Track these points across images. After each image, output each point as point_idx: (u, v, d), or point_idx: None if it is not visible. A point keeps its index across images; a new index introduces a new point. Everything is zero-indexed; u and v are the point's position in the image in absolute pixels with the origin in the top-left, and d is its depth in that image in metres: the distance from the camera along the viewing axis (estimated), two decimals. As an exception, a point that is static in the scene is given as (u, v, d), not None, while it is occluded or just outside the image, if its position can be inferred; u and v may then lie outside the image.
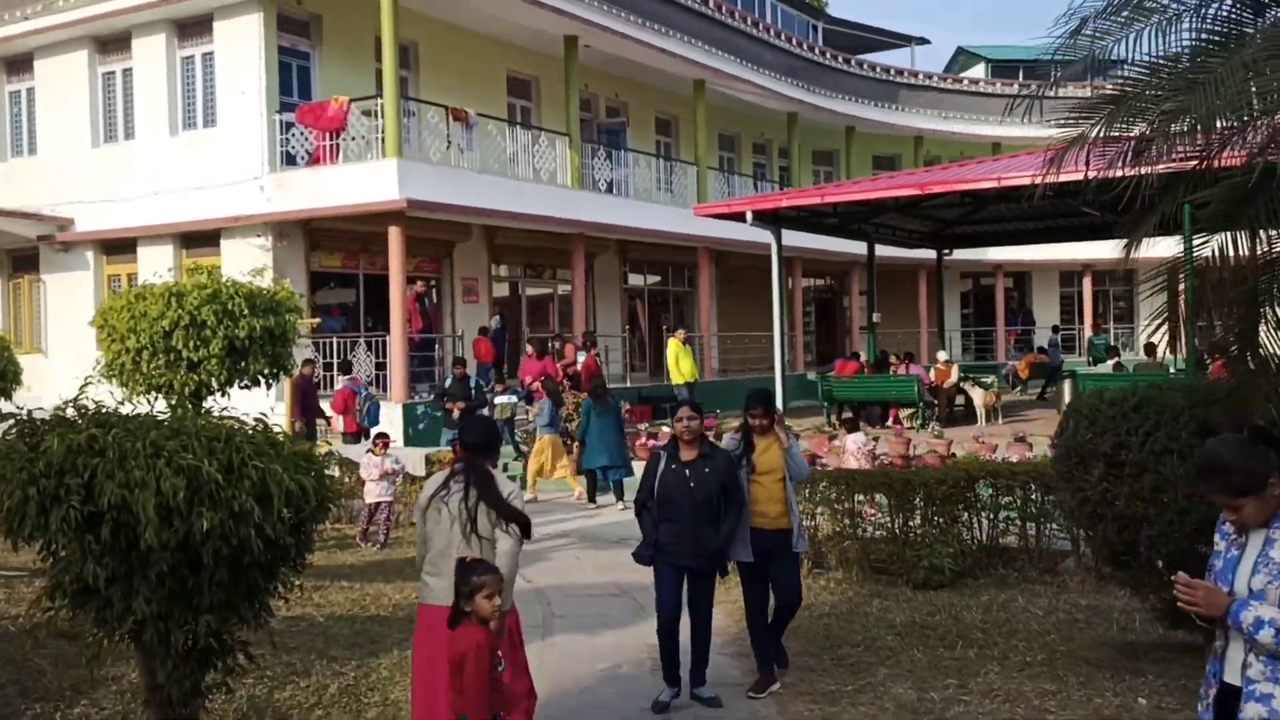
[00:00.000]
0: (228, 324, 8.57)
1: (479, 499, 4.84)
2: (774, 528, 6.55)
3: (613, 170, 22.49)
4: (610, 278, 25.38)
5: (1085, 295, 35.29)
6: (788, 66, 27.70)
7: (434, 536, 4.90)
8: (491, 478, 5.00)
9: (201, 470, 3.95)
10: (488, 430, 5.44)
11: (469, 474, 4.94)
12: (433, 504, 4.97)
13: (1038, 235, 25.17)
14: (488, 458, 5.18)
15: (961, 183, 15.65)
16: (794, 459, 6.64)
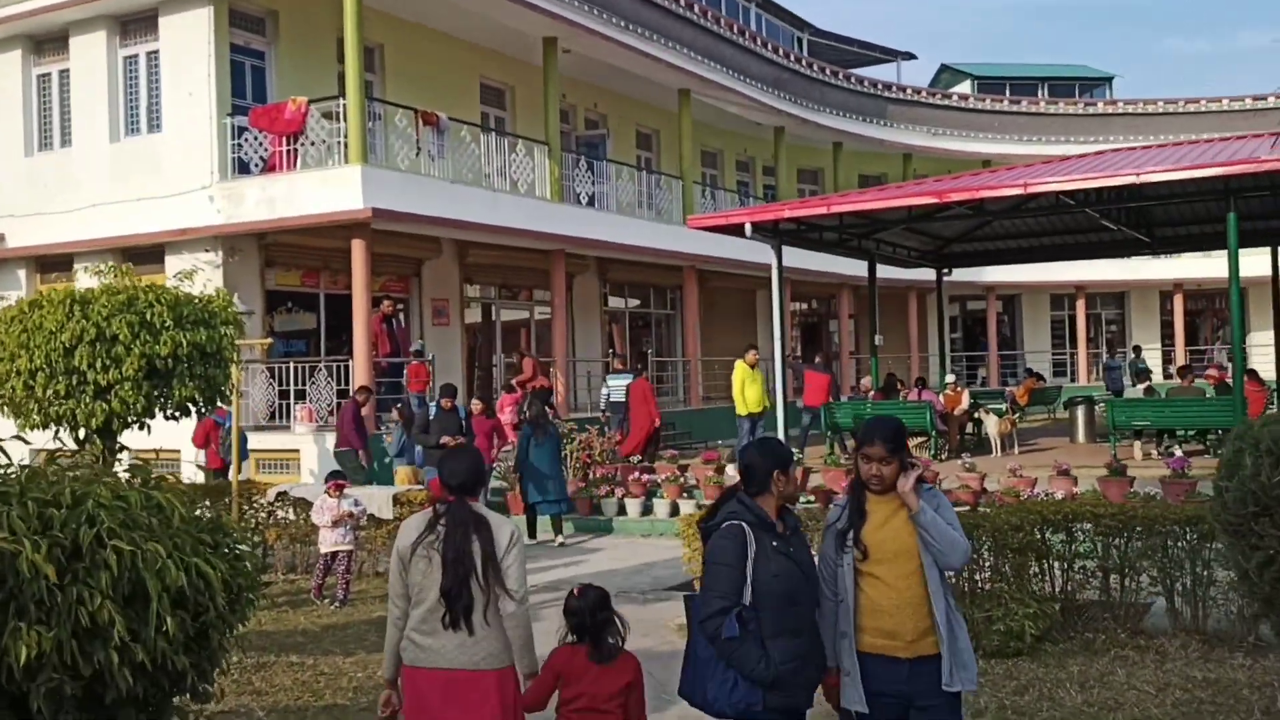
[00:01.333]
0: (145, 339, 6.89)
1: (480, 548, 4.14)
2: (911, 655, 3.96)
3: (594, 183, 20.98)
4: (589, 299, 23.84)
5: (1079, 318, 34.11)
6: (774, 78, 26.38)
7: (426, 589, 4.16)
8: (488, 525, 4.24)
9: (21, 559, 2.33)
10: (474, 466, 4.51)
11: (461, 519, 4.21)
12: (419, 551, 4.19)
13: (1042, 253, 23.86)
14: (475, 496, 4.43)
15: (986, 189, 14.25)
16: (936, 531, 3.96)
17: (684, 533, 8.63)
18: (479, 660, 4.10)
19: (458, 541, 4.11)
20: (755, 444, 4.23)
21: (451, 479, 4.34)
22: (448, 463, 4.45)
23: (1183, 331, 33.97)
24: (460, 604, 4.07)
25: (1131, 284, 34.33)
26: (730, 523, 3.96)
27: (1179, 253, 23.48)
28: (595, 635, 4.16)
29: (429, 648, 4.12)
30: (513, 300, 22.69)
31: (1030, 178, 14.47)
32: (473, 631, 4.08)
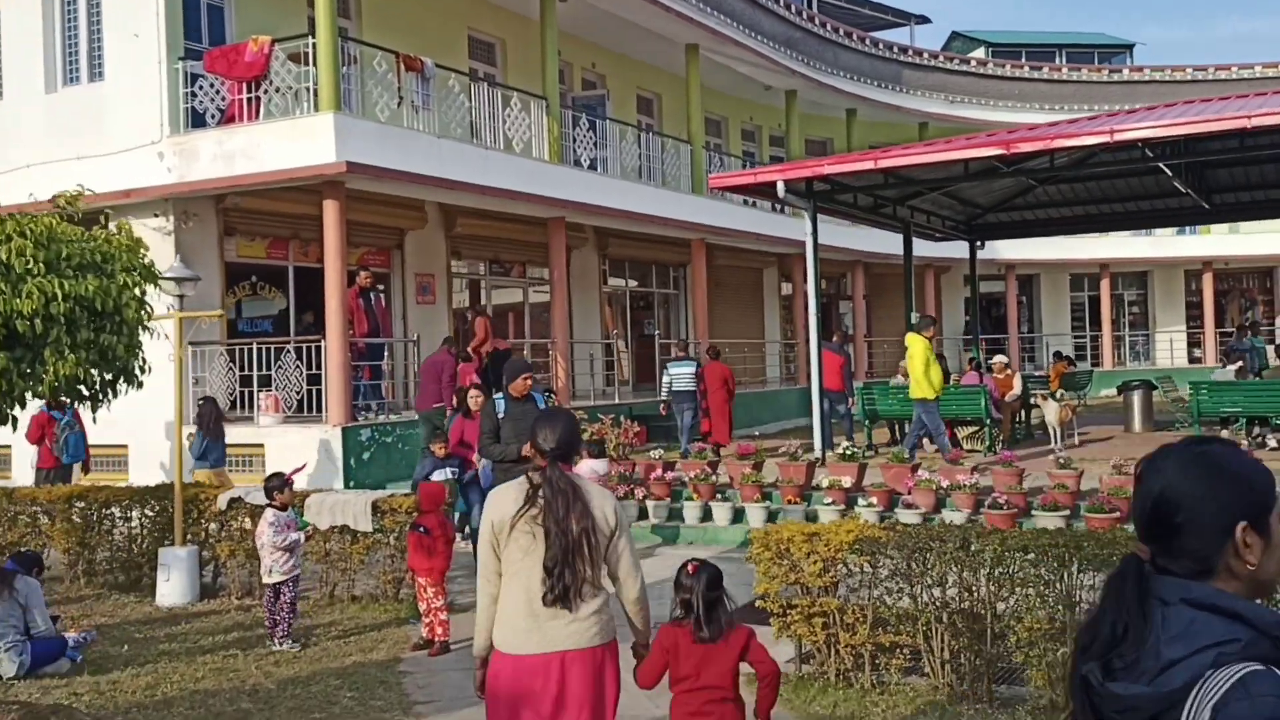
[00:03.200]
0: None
1: (586, 520, 3.74)
2: None
3: (596, 146, 18.83)
4: (588, 276, 21.71)
5: (1103, 298, 32.16)
6: (786, 37, 24.26)
7: (529, 566, 3.74)
8: (591, 494, 3.83)
9: None
10: (571, 427, 4.01)
11: (562, 488, 3.75)
12: (519, 526, 3.76)
13: (1082, 224, 21.96)
14: (571, 463, 4.01)
15: (1064, 138, 12.18)
16: None
17: (759, 556, 6.55)
18: (588, 639, 3.78)
19: (560, 513, 3.74)
20: None
21: (546, 443, 3.86)
22: (542, 425, 3.94)
23: (1213, 313, 32.07)
24: (565, 581, 3.72)
25: (1157, 262, 32.43)
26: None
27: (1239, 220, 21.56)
28: (703, 613, 4.03)
29: (535, 630, 3.75)
30: (504, 276, 20.54)
31: (1115, 125, 12.44)
32: (578, 609, 3.75)
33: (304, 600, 9.28)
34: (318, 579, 9.48)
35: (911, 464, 11.40)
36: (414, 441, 14.51)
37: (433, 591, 7.55)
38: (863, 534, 6.27)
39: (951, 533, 6.13)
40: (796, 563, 6.37)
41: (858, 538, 6.24)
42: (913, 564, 6.11)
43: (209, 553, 9.88)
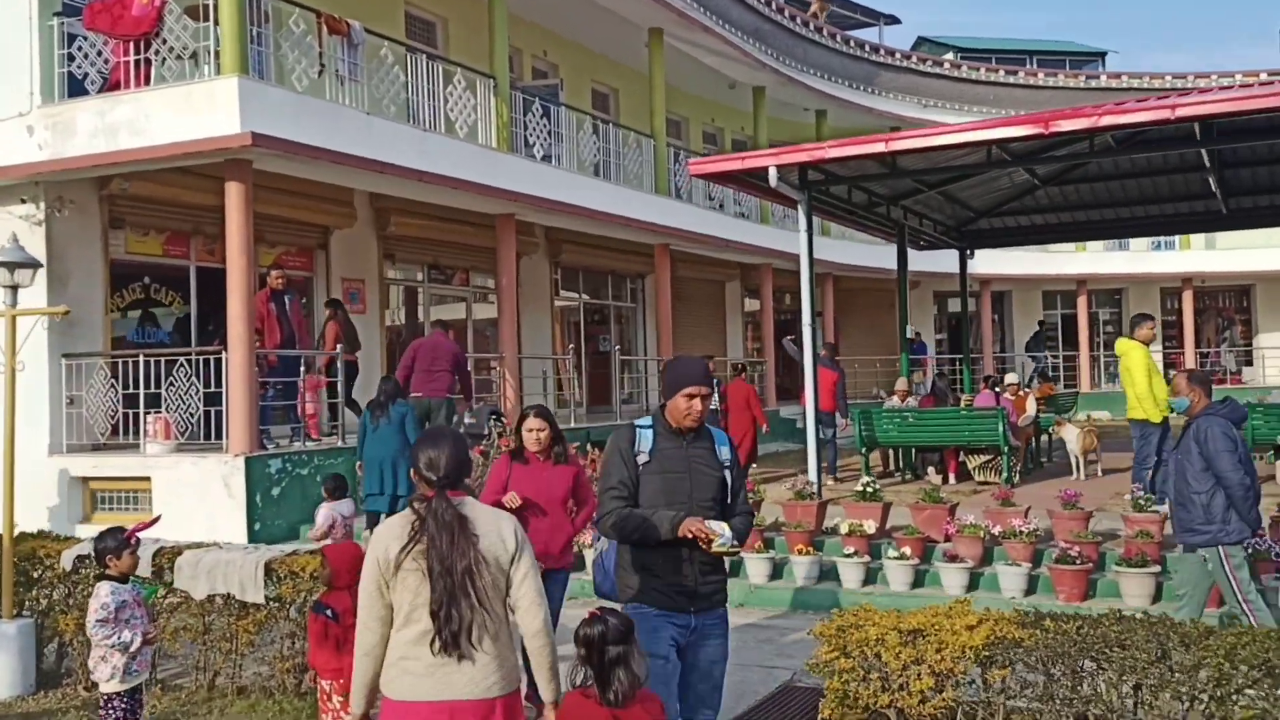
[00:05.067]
0: None
1: (478, 553, 3.41)
2: None
3: (551, 136, 16.63)
4: (539, 286, 19.48)
5: (1080, 316, 30.56)
6: (755, 28, 22.29)
7: (419, 608, 3.40)
8: (485, 523, 3.51)
9: None
10: (457, 451, 3.56)
11: (447, 520, 3.41)
12: (406, 565, 3.41)
13: (1082, 230, 20.15)
14: (460, 489, 3.57)
15: (1111, 114, 10.22)
16: None
17: (828, 663, 4.38)
18: (483, 688, 3.42)
19: (444, 549, 3.38)
20: None
21: (432, 470, 3.49)
22: (424, 448, 3.54)
23: (1193, 331, 30.61)
24: (453, 626, 3.37)
25: (1134, 278, 30.93)
26: None
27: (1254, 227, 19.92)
28: (604, 673, 3.53)
29: (426, 676, 3.41)
30: (445, 284, 18.24)
31: (1175, 100, 10.52)
32: (472, 655, 3.39)
33: (174, 694, 6.92)
34: (193, 664, 7.14)
35: (949, 505, 9.27)
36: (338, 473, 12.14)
37: (340, 702, 5.27)
38: (996, 633, 4.12)
39: (1135, 632, 3.98)
40: (890, 675, 4.20)
41: (990, 638, 4.09)
42: (1079, 684, 3.97)
43: (51, 627, 7.46)
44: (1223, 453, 6.28)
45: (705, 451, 4.37)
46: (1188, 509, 6.45)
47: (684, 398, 4.28)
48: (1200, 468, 6.36)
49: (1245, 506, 6.26)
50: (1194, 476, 6.40)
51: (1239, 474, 6.27)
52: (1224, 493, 6.30)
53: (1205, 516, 6.34)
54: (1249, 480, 6.29)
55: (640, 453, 4.29)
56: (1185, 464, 6.45)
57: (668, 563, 4.24)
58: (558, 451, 6.30)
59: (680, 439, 4.33)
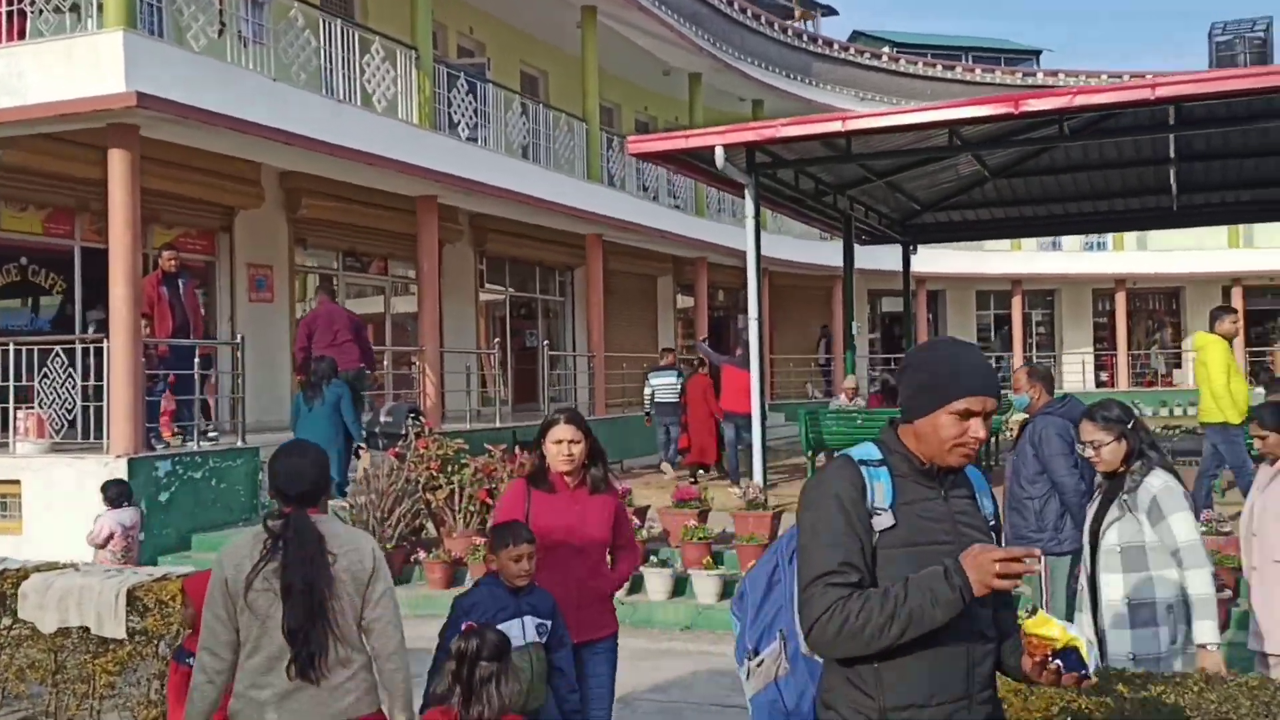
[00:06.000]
0: None
1: (334, 572, 3.24)
2: None
3: (477, 115, 15.53)
4: (463, 277, 18.36)
5: (1015, 317, 30.22)
6: (692, 12, 21.42)
7: (269, 631, 3.24)
8: (342, 542, 3.33)
9: None
10: (318, 465, 3.42)
11: (306, 538, 3.24)
12: (257, 584, 3.23)
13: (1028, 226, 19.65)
14: (318, 506, 3.40)
15: (1088, 94, 9.50)
16: None
17: None
18: (340, 712, 3.28)
19: (304, 567, 3.21)
20: None
21: (290, 485, 3.34)
22: (282, 461, 3.37)
23: (1125, 334, 30.46)
24: (310, 648, 3.21)
25: (1067, 279, 30.70)
26: None
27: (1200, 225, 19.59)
28: (469, 692, 3.37)
29: (275, 706, 3.25)
30: (362, 272, 17.04)
31: (1154, 81, 9.83)
32: (328, 679, 3.24)
33: (15, 748, 5.75)
34: (43, 709, 5.98)
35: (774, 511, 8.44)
36: (234, 478, 10.95)
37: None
38: (1058, 703, 3.20)
39: (1237, 701, 3.09)
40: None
41: (1047, 712, 3.17)
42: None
43: None
44: (1057, 455, 5.74)
45: (968, 504, 2.53)
46: (1021, 514, 5.94)
47: (952, 415, 2.40)
48: (1034, 470, 5.85)
49: (1080, 514, 5.54)
50: (1027, 480, 5.89)
51: (1074, 478, 5.74)
52: (1059, 498, 5.83)
53: (1038, 524, 5.85)
54: (1084, 486, 5.62)
55: (877, 510, 2.41)
56: (1019, 466, 5.95)
57: (944, 670, 2.36)
58: (595, 475, 4.31)
59: (935, 484, 2.48)
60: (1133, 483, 4.23)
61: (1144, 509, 4.18)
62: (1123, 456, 4.25)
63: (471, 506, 9.33)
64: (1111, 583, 4.23)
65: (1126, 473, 4.27)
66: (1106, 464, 4.27)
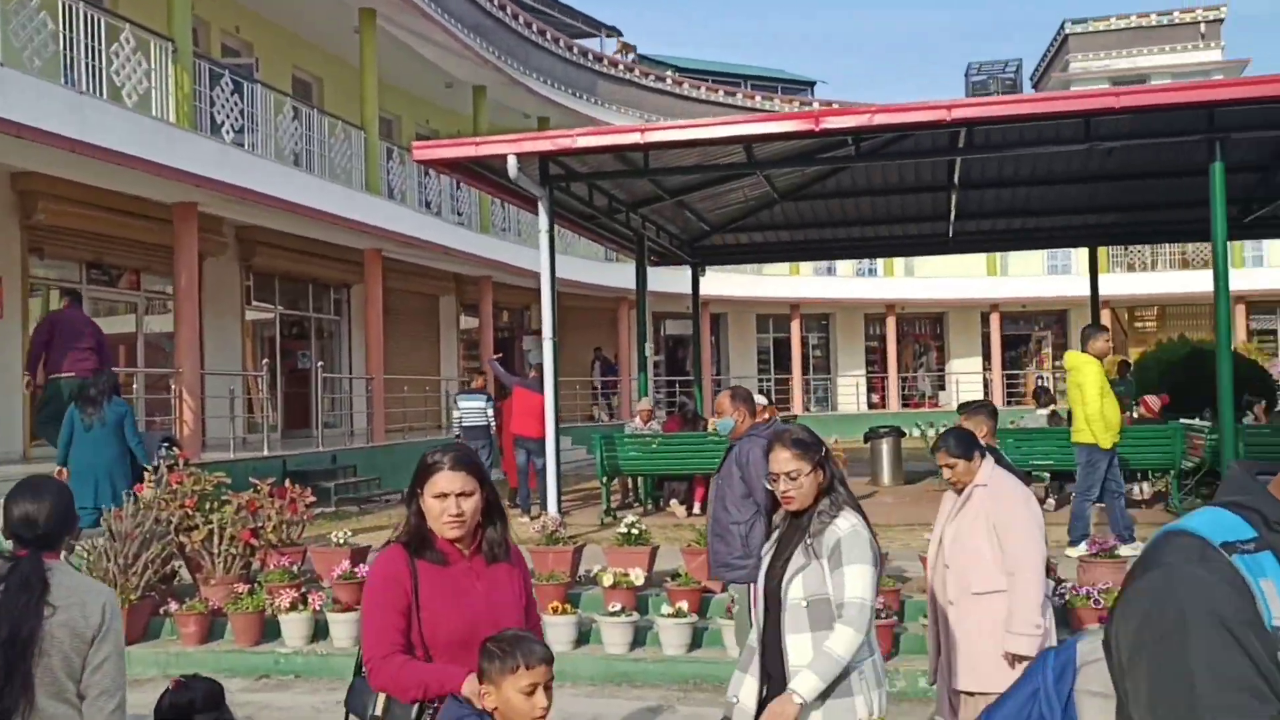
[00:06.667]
0: None
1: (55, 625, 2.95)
2: None
3: (244, 117, 14.30)
4: (227, 293, 16.95)
5: (793, 340, 30.79)
6: (476, 23, 20.72)
7: None
8: (70, 593, 3.01)
9: None
10: (62, 507, 3.13)
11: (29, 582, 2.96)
12: None
13: (813, 250, 19.90)
14: (56, 551, 3.14)
15: (887, 113, 9.38)
16: None
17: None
18: None
19: (17, 613, 2.92)
20: None
21: (24, 528, 3.04)
22: (16, 502, 3.07)
23: (895, 357, 31.56)
24: (7, 702, 2.90)
25: (842, 304, 31.59)
26: None
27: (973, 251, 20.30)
28: None
29: None
30: (110, 286, 15.41)
31: (950, 103, 9.84)
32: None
33: None
34: None
35: (651, 546, 7.96)
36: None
37: None
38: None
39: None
40: None
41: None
42: None
43: None
44: (765, 477, 5.31)
45: None
46: (725, 540, 5.58)
47: None
48: (741, 494, 5.53)
49: (720, 544, 5.40)
50: (734, 504, 5.55)
51: None
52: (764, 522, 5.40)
53: (744, 550, 5.46)
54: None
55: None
56: (725, 490, 5.61)
57: None
58: (492, 538, 3.10)
59: None
60: (820, 524, 3.52)
61: (828, 554, 3.48)
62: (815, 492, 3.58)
63: (233, 549, 8.27)
64: (799, 645, 3.46)
65: (813, 511, 3.56)
66: (801, 500, 3.57)
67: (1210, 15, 34.98)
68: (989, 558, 4.43)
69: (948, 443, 4.64)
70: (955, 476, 4.61)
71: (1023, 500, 4.53)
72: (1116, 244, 26.71)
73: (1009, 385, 32.98)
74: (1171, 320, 33.01)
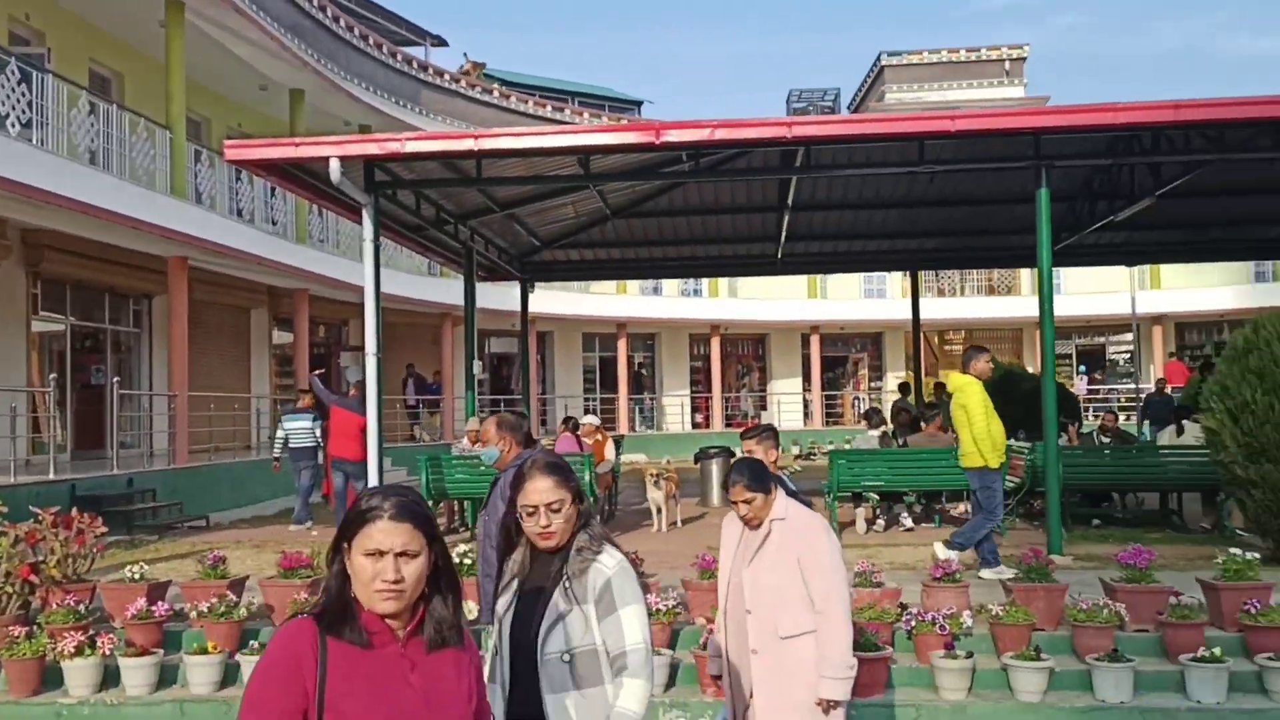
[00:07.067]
0: None
1: None
2: None
3: (32, 110, 13.08)
4: (10, 300, 15.52)
5: (620, 359, 30.61)
6: (294, 23, 19.76)
7: None
8: None
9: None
10: None
11: None
12: None
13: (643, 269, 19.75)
14: None
15: (729, 127, 9.18)
16: None
17: None
18: None
19: None
20: None
21: None
22: None
23: (719, 377, 31.80)
24: None
25: (668, 324, 31.65)
26: None
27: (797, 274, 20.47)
28: None
29: None
30: None
31: (792, 120, 9.75)
32: None
33: None
34: None
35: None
36: None
37: None
38: None
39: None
40: None
41: None
42: None
43: None
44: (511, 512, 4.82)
45: None
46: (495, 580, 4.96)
47: None
48: None
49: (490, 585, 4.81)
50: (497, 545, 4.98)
51: None
52: None
53: None
54: None
55: None
56: (491, 526, 5.08)
57: None
58: (439, 616, 2.25)
59: None
60: (582, 562, 3.00)
61: (595, 598, 2.98)
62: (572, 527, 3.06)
63: (10, 587, 7.33)
64: (560, 709, 2.94)
65: (570, 549, 3.04)
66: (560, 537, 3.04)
67: (1014, 54, 36.86)
68: (796, 597, 4.01)
69: (744, 475, 4.11)
70: (753, 512, 4.09)
71: (824, 531, 4.15)
72: (937, 268, 27.59)
73: (828, 406, 33.72)
74: (978, 344, 34.37)
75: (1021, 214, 15.34)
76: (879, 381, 34.57)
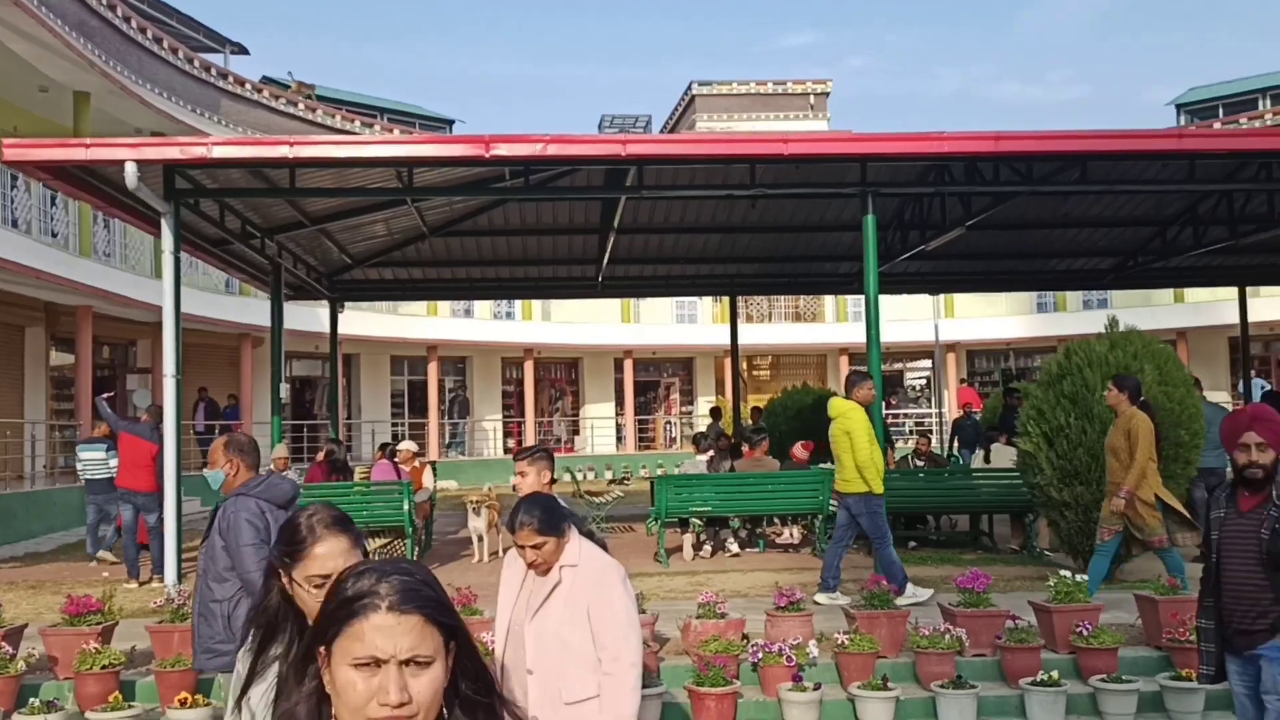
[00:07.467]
0: None
1: None
2: None
3: None
4: None
5: (431, 383, 29.74)
6: (80, 21, 18.37)
7: None
8: None
9: None
10: None
11: None
12: None
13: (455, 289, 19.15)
14: None
15: (562, 143, 8.86)
16: None
17: None
18: None
19: None
20: None
21: None
22: None
23: (532, 401, 31.34)
24: None
25: (481, 346, 31.00)
26: None
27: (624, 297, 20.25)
28: None
29: None
30: None
31: (625, 139, 9.50)
32: None
33: None
34: None
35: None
36: None
37: None
38: None
39: None
40: None
41: None
42: None
43: None
44: (245, 546, 4.48)
45: None
46: (209, 622, 4.65)
47: None
48: (224, 565, 4.59)
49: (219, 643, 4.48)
50: (216, 579, 4.62)
51: (262, 575, 4.30)
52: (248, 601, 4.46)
53: (227, 633, 4.55)
54: None
55: None
56: (208, 563, 4.69)
57: None
58: None
59: None
60: None
61: None
62: None
63: None
64: None
65: None
66: None
67: (819, 89, 38.02)
68: (585, 657, 3.53)
69: (534, 517, 3.54)
70: (542, 558, 3.54)
71: (619, 581, 3.63)
72: (755, 294, 28.06)
73: (640, 430, 33.74)
74: (785, 369, 35.20)
75: (837, 241, 15.71)
76: (690, 406, 34.86)
